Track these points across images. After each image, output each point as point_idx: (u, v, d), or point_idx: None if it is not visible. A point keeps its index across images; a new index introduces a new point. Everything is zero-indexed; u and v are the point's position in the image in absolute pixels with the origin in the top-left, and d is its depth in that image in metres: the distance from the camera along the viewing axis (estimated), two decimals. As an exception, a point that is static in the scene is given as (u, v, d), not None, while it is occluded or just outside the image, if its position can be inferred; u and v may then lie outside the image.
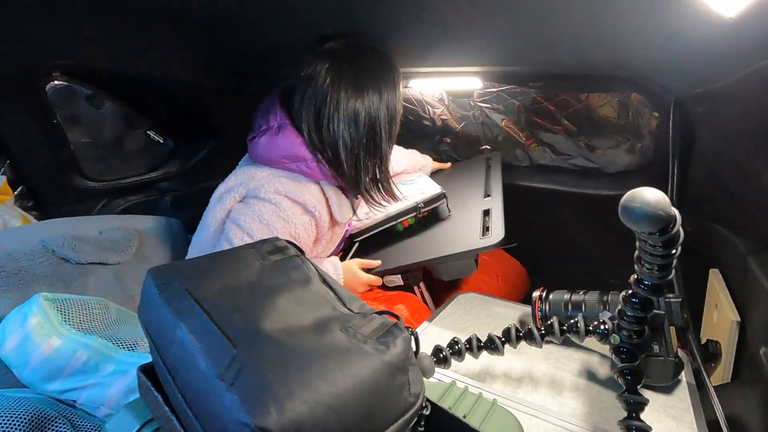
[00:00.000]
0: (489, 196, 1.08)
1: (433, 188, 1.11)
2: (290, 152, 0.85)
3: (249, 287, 0.46)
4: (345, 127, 0.83)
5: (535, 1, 0.68)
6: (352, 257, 1.06)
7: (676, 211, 0.42)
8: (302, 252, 0.57)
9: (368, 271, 1.01)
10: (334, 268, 0.96)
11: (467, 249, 0.90)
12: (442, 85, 1.41)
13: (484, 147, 1.39)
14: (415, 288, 1.09)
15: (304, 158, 0.85)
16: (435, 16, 0.78)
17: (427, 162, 1.40)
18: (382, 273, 1.02)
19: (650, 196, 0.40)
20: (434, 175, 1.36)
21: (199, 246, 0.90)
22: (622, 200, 0.41)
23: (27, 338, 0.60)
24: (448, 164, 1.45)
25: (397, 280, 1.06)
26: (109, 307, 0.72)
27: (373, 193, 0.92)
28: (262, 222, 0.83)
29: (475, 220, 0.98)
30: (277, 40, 1.02)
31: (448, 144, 1.59)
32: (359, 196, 0.93)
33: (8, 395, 0.59)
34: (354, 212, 0.99)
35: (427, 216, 1.11)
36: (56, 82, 1.06)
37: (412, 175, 1.26)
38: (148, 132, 1.32)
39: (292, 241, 0.79)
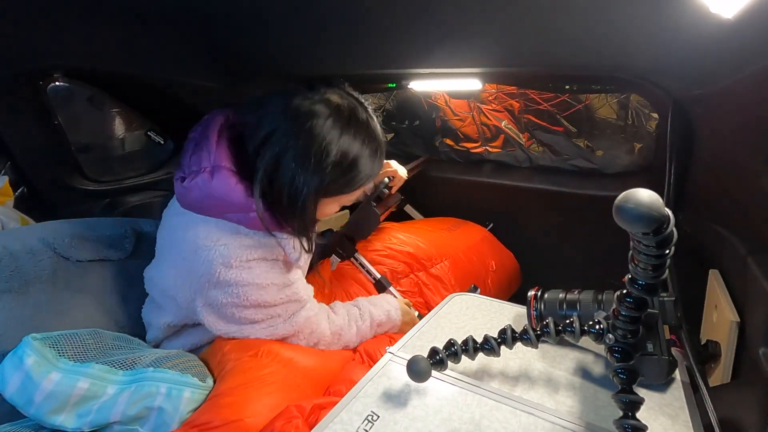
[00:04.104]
0: None
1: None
2: (235, 202, 0.74)
3: None
4: (311, 179, 0.73)
5: (535, 3, 0.68)
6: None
7: (669, 212, 0.42)
8: None
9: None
10: (393, 309, 0.99)
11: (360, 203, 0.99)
12: (442, 86, 1.42)
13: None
14: (353, 260, 1.14)
15: (243, 208, 0.74)
16: (435, 17, 0.78)
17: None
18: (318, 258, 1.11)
19: (644, 196, 0.40)
20: None
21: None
22: (616, 201, 0.41)
23: (27, 378, 0.62)
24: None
25: (335, 259, 1.12)
26: (102, 334, 0.74)
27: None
28: (255, 305, 0.77)
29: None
30: (278, 39, 1.02)
31: (448, 145, 1.59)
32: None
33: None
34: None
35: None
36: (57, 83, 1.07)
37: None
38: (148, 133, 1.33)
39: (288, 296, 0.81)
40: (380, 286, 1.11)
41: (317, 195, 0.77)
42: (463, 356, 0.63)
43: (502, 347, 0.63)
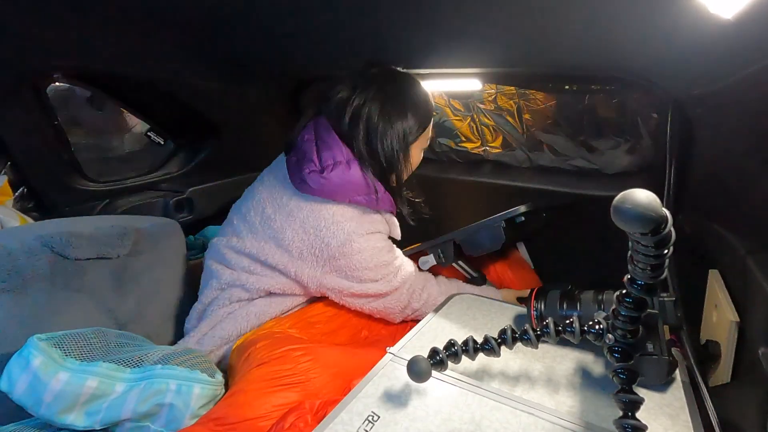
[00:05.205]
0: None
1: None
2: (363, 187, 0.91)
3: None
4: (397, 152, 0.92)
5: (535, 3, 0.68)
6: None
7: (667, 212, 0.42)
8: None
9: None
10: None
11: (490, 217, 1.00)
12: (442, 86, 1.41)
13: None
14: (455, 265, 1.14)
15: (374, 190, 0.92)
16: (435, 17, 0.78)
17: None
18: (411, 254, 1.09)
19: (642, 197, 0.40)
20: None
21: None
22: (614, 202, 0.41)
23: (35, 379, 0.62)
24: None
25: (431, 260, 1.11)
26: (106, 333, 0.74)
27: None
28: (378, 264, 0.93)
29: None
30: (278, 39, 1.02)
31: (447, 145, 1.59)
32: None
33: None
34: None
35: None
36: (57, 83, 1.07)
37: None
38: (148, 133, 1.33)
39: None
40: (477, 283, 1.14)
41: (409, 138, 0.94)
42: (463, 356, 0.63)
43: (502, 347, 0.63)
